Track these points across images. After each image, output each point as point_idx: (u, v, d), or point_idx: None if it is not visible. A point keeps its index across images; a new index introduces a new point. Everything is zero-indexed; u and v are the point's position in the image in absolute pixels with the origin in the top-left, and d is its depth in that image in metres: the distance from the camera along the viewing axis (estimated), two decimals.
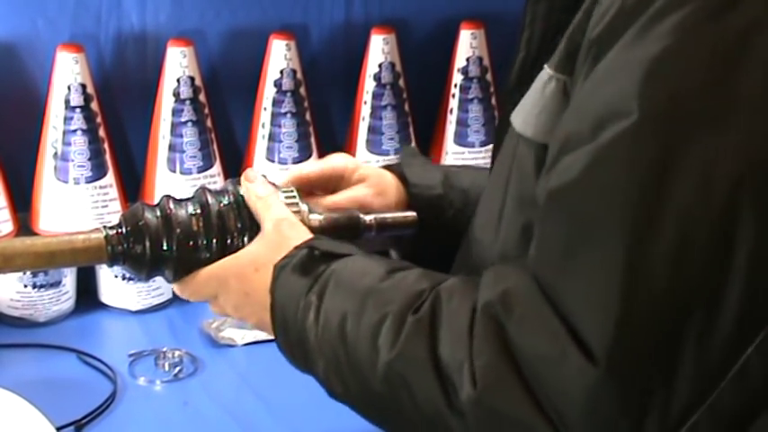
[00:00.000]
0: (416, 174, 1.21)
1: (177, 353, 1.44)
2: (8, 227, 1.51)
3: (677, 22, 0.80)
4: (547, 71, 0.92)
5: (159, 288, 1.56)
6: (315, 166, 1.19)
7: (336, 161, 1.20)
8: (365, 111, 1.66)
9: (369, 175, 1.20)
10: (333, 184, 1.18)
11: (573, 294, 0.82)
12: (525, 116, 0.94)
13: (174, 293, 1.57)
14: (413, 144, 1.67)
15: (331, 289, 0.97)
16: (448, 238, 1.13)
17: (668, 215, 0.79)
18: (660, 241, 0.79)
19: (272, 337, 1.48)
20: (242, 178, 1.08)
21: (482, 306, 0.87)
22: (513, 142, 0.96)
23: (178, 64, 1.54)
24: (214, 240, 1.04)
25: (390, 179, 1.20)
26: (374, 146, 1.66)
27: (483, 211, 1.04)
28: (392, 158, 1.62)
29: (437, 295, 0.91)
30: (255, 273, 1.03)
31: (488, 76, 1.70)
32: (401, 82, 1.66)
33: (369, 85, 1.65)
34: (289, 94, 1.60)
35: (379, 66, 1.65)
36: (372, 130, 1.66)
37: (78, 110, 1.50)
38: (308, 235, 1.03)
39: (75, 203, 1.51)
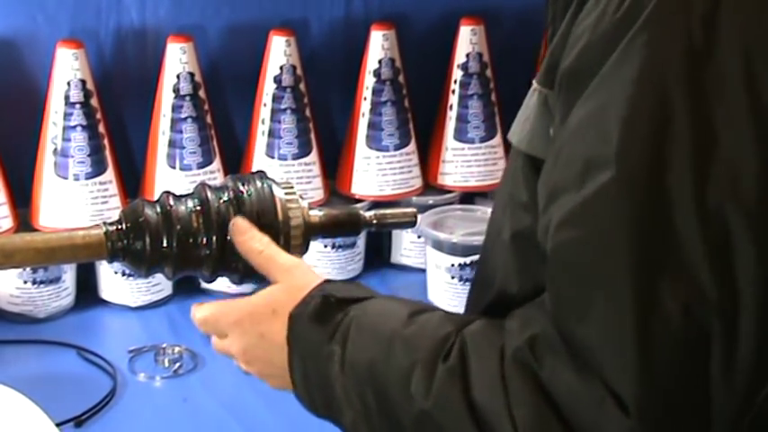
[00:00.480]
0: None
1: (177, 349, 1.44)
2: (8, 223, 1.51)
3: (641, 66, 0.79)
4: (534, 84, 0.93)
5: (159, 284, 1.56)
6: None
7: None
8: (365, 107, 1.66)
9: None
10: None
11: (593, 346, 0.82)
12: (515, 124, 0.96)
13: (173, 290, 1.58)
14: (412, 140, 1.68)
15: (353, 337, 0.96)
16: None
17: (670, 254, 0.79)
18: (666, 280, 0.79)
19: None
20: (231, 231, 1.04)
21: (512, 353, 0.86)
22: (513, 153, 0.97)
23: (178, 60, 1.54)
24: (214, 237, 1.04)
25: None
26: (374, 142, 1.66)
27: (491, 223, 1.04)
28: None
29: (464, 341, 0.90)
30: (272, 315, 1.01)
31: (488, 72, 1.70)
32: (401, 78, 1.66)
33: (368, 81, 1.65)
34: (288, 90, 1.60)
35: (379, 62, 1.65)
36: (372, 125, 1.65)
37: (78, 106, 1.50)
38: (320, 279, 1.02)
39: (75, 199, 1.51)
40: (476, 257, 1.56)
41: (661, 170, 0.78)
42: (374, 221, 1.11)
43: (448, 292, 1.58)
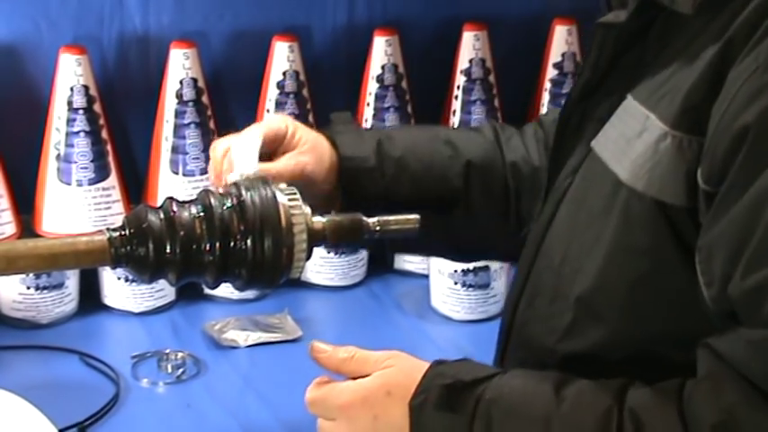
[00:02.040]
0: (348, 144, 1.21)
1: (180, 354, 1.44)
2: (11, 229, 1.51)
3: None
4: (658, 123, 0.92)
5: (162, 290, 1.56)
6: (255, 132, 1.18)
7: (275, 123, 1.19)
8: (368, 112, 1.66)
9: (307, 139, 1.20)
10: (273, 147, 1.18)
11: None
12: (633, 168, 0.94)
13: (176, 295, 1.58)
14: None
15: (499, 422, 0.92)
16: (379, 209, 1.12)
17: None
18: None
19: (274, 339, 1.49)
20: (312, 354, 1.03)
21: (711, 426, 0.84)
22: (608, 186, 0.96)
23: (181, 66, 1.54)
24: (217, 243, 1.04)
25: (326, 146, 1.20)
26: None
27: (560, 241, 1.02)
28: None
29: (635, 415, 0.88)
30: (387, 397, 0.97)
31: (491, 78, 1.70)
32: (404, 84, 1.66)
33: (371, 87, 1.66)
34: (292, 96, 1.60)
35: (382, 67, 1.65)
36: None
37: (81, 112, 1.50)
38: (425, 363, 0.99)
39: (78, 205, 1.51)
40: (479, 264, 1.56)
41: None
42: (377, 228, 1.11)
43: (451, 298, 1.58)
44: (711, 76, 0.88)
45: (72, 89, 1.50)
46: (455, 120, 1.69)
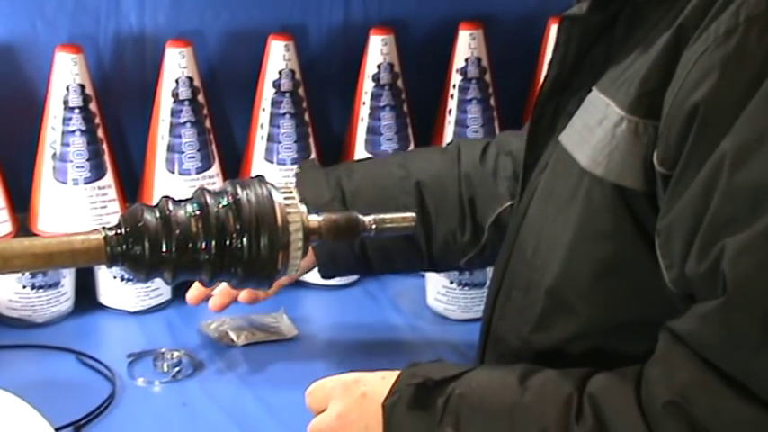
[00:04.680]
0: (308, 188, 1.27)
1: (176, 353, 1.44)
2: (7, 228, 1.51)
3: None
4: (615, 110, 0.93)
5: (158, 289, 1.56)
6: None
7: None
8: (364, 111, 1.66)
9: None
10: None
11: None
12: (593, 153, 0.95)
13: (172, 294, 1.58)
14: (411, 145, 1.68)
15: (467, 416, 0.95)
16: (347, 241, 1.19)
17: None
18: None
19: (270, 338, 1.49)
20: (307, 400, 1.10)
21: (664, 404, 0.86)
22: (574, 174, 0.97)
23: (177, 65, 1.54)
24: (213, 242, 1.04)
25: None
26: (373, 146, 1.66)
27: (532, 233, 1.03)
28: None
29: (594, 398, 0.90)
30: (381, 379, 1.02)
31: (487, 77, 1.70)
32: (400, 83, 1.67)
33: (367, 86, 1.65)
34: (287, 95, 1.60)
35: (378, 66, 1.65)
36: (371, 130, 1.66)
37: (77, 111, 1.50)
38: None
39: (74, 204, 1.51)
40: None
41: None
42: (373, 226, 1.11)
43: (446, 297, 1.58)
44: (665, 61, 0.90)
45: (68, 88, 1.49)
46: (450, 119, 1.69)
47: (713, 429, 0.84)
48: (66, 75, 1.49)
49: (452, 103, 1.70)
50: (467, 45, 1.68)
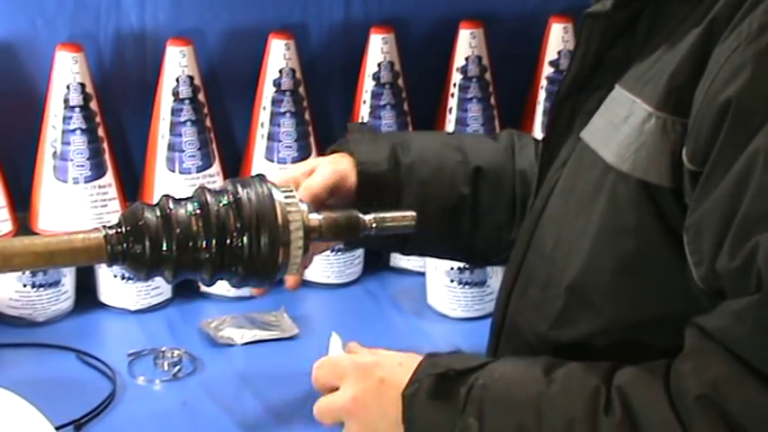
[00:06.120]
0: (364, 151, 1.23)
1: (176, 352, 1.44)
2: (7, 226, 1.51)
3: None
4: (643, 106, 0.92)
5: (158, 288, 1.56)
6: (322, 180, 1.20)
7: (338, 167, 1.21)
8: (364, 110, 1.66)
9: (322, 158, 1.27)
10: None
11: None
12: (619, 150, 0.95)
13: (173, 293, 1.58)
14: None
15: (491, 406, 0.94)
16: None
17: None
18: None
19: (271, 337, 1.49)
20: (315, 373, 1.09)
21: (696, 397, 0.85)
22: (597, 170, 0.97)
23: (177, 63, 1.54)
24: (213, 240, 1.04)
25: (346, 157, 1.23)
26: None
27: (552, 228, 1.03)
28: None
29: (623, 392, 0.90)
30: (399, 366, 1.02)
31: (487, 76, 1.70)
32: (400, 81, 1.66)
33: (368, 85, 1.65)
34: (288, 94, 1.60)
35: (379, 65, 1.65)
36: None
37: (77, 109, 1.50)
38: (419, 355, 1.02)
39: (75, 203, 1.51)
40: None
41: None
42: (373, 225, 1.12)
43: (447, 296, 1.58)
44: (695, 57, 0.89)
45: (68, 87, 1.49)
46: (451, 117, 1.69)
47: (748, 426, 0.83)
48: (67, 73, 1.49)
49: (453, 102, 1.70)
50: (467, 44, 1.68)
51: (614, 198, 0.95)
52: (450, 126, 1.69)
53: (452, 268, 1.56)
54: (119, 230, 1.04)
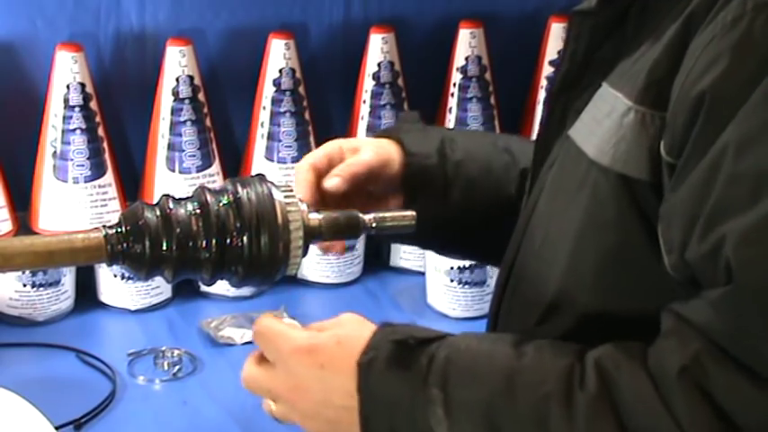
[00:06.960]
0: (413, 142, 1.20)
1: (176, 352, 1.44)
2: (7, 226, 1.51)
3: None
4: (623, 101, 0.93)
5: (158, 287, 1.57)
6: (365, 160, 1.16)
7: (382, 151, 1.19)
8: (364, 110, 1.66)
9: (365, 140, 1.23)
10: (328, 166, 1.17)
11: None
12: (600, 144, 0.95)
13: (172, 293, 1.58)
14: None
15: (456, 377, 0.90)
16: (436, 208, 1.14)
17: None
18: None
19: None
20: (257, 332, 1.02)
21: (679, 370, 0.85)
22: (582, 166, 0.97)
23: (177, 63, 1.54)
24: (213, 240, 1.04)
25: (392, 144, 1.20)
26: None
27: (541, 225, 1.03)
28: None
29: (600, 367, 0.88)
30: (337, 346, 0.95)
31: (487, 75, 1.70)
32: (400, 81, 1.67)
33: (368, 84, 1.66)
34: (288, 93, 1.60)
35: (378, 65, 1.65)
36: (372, 128, 1.66)
37: (77, 109, 1.50)
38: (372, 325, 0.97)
39: (75, 202, 1.51)
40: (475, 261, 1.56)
41: None
42: (373, 224, 1.11)
43: (447, 296, 1.58)
44: (673, 51, 0.90)
45: (68, 86, 1.50)
46: (451, 117, 1.69)
47: (729, 411, 0.83)
48: (67, 73, 1.50)
49: (453, 102, 1.70)
50: (467, 43, 1.69)
51: (596, 193, 0.95)
52: (450, 125, 1.69)
53: (452, 268, 1.56)
54: (119, 230, 1.04)
